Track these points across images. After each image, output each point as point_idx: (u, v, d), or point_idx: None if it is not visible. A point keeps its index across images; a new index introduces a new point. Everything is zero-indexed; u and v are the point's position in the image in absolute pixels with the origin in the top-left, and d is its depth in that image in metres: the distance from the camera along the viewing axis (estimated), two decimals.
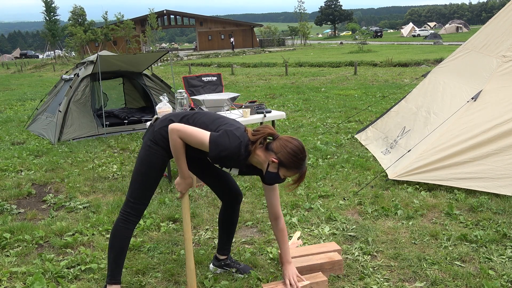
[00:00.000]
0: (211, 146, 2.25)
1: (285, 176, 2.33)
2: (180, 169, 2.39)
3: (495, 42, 4.67)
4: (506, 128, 3.93)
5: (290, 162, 2.27)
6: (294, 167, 2.28)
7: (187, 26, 64.81)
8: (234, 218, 2.81)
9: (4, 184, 4.93)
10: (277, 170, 2.30)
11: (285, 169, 2.29)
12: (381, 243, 3.17)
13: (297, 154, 2.26)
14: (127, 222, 2.47)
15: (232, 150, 2.24)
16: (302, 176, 2.33)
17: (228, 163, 2.33)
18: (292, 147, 2.27)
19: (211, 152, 2.26)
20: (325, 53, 33.20)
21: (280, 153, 2.27)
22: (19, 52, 75.89)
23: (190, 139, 2.29)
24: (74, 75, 7.66)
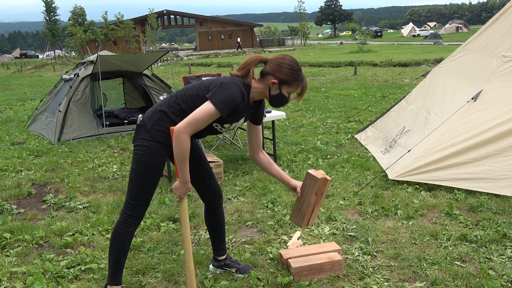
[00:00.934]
0: (219, 107, 2.22)
1: (288, 92, 2.35)
2: (182, 173, 2.32)
3: (495, 42, 4.67)
4: (506, 128, 3.93)
5: (289, 76, 2.30)
6: (294, 80, 2.31)
7: (187, 26, 64.81)
8: (220, 217, 2.78)
9: (4, 184, 4.93)
10: (279, 89, 2.33)
11: (286, 85, 2.32)
12: (381, 243, 3.17)
13: (293, 66, 2.30)
14: (128, 224, 2.44)
15: (235, 94, 2.25)
16: (304, 88, 2.36)
17: (238, 109, 2.32)
18: (287, 61, 2.30)
19: (224, 112, 2.24)
20: (325, 53, 33.20)
21: (276, 72, 2.30)
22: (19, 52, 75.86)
23: (201, 123, 2.23)
24: (74, 75, 7.66)
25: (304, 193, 2.57)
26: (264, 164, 2.61)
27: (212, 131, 2.45)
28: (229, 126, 2.44)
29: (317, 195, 2.55)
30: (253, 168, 5.10)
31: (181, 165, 2.29)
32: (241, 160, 5.48)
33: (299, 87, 2.35)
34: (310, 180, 2.55)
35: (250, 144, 2.61)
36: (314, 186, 2.51)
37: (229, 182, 4.67)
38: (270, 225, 3.56)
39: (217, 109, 2.23)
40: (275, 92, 2.33)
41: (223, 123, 2.38)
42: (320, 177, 2.49)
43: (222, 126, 2.41)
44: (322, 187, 2.55)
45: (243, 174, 4.92)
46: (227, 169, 5.10)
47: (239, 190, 4.40)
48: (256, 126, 2.57)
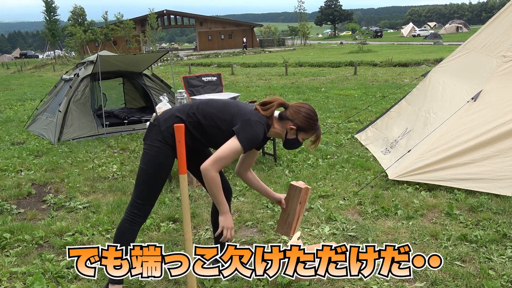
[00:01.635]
0: (244, 146, 2.31)
1: (303, 139, 2.51)
2: (221, 206, 2.41)
3: (495, 42, 4.67)
4: (506, 129, 3.93)
5: (306, 125, 2.44)
6: (310, 128, 2.46)
7: (187, 26, 64.82)
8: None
9: (4, 184, 4.93)
10: (295, 135, 2.47)
11: (303, 132, 2.46)
12: (381, 243, 3.17)
13: (311, 116, 2.44)
14: (134, 223, 2.49)
15: (260, 135, 2.37)
16: (318, 136, 2.51)
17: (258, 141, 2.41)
18: (306, 111, 2.44)
19: (246, 150, 2.36)
20: (325, 53, 33.20)
21: (295, 119, 2.43)
22: (19, 52, 75.85)
23: (227, 160, 2.33)
24: (74, 75, 7.66)
25: (289, 204, 2.76)
26: (252, 181, 2.73)
27: None
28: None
29: (301, 204, 2.74)
30: (253, 168, 5.09)
31: (217, 199, 2.39)
32: None
33: (314, 135, 2.50)
34: (294, 191, 2.73)
35: (242, 162, 2.68)
36: (298, 196, 2.70)
37: (229, 182, 4.66)
38: (270, 225, 3.56)
39: (242, 146, 2.32)
40: (292, 136, 2.48)
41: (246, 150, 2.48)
42: (303, 187, 2.69)
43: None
44: (305, 196, 2.74)
45: None
46: (227, 169, 5.10)
47: (239, 190, 4.40)
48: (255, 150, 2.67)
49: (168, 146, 2.41)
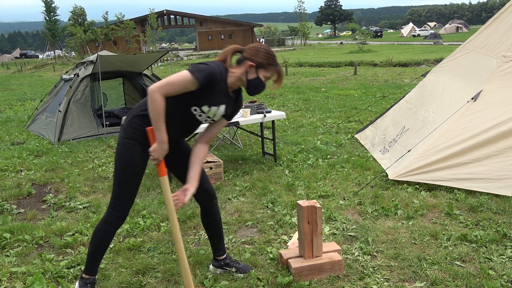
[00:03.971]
0: (196, 75, 2.27)
1: (265, 77, 2.44)
2: (158, 133, 2.30)
3: (495, 43, 4.67)
4: (506, 128, 3.93)
5: (265, 60, 2.41)
6: (270, 64, 2.42)
7: (187, 26, 64.81)
8: (216, 217, 2.79)
9: (4, 184, 4.93)
10: (256, 73, 2.42)
11: (263, 69, 2.42)
12: (381, 243, 3.17)
13: (269, 51, 2.43)
14: (107, 222, 2.48)
15: (214, 68, 2.33)
16: (279, 72, 2.46)
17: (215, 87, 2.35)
18: (262, 47, 2.43)
19: (200, 80, 2.27)
20: (325, 53, 33.20)
21: (253, 56, 2.40)
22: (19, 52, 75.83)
23: (175, 86, 2.27)
24: (74, 75, 7.66)
25: (300, 223, 2.76)
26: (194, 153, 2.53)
27: (191, 119, 2.45)
28: (208, 110, 2.41)
29: (310, 223, 2.72)
30: (253, 168, 5.10)
31: (157, 124, 2.29)
32: (241, 160, 5.48)
33: (275, 72, 2.45)
34: (299, 209, 2.74)
35: (205, 132, 2.58)
36: (302, 215, 2.69)
37: (229, 182, 4.67)
38: (270, 225, 3.56)
39: (194, 76, 2.27)
40: (253, 76, 2.42)
41: (201, 104, 2.38)
42: (305, 205, 2.68)
43: (201, 110, 2.40)
44: (313, 216, 2.71)
45: (243, 174, 4.92)
46: (227, 169, 5.10)
47: (239, 190, 4.40)
48: (223, 120, 2.58)
49: (130, 139, 2.40)
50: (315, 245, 2.76)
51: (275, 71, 2.45)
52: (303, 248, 2.78)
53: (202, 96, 2.37)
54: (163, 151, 2.34)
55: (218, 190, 4.41)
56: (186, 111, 2.41)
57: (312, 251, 2.77)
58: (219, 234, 2.84)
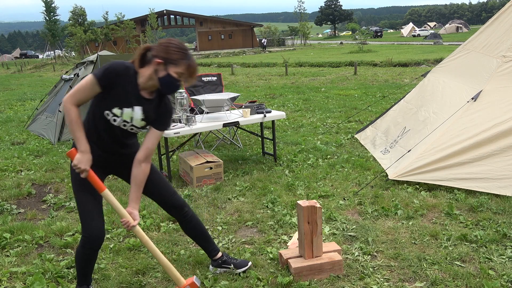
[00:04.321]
0: (96, 74, 2.22)
1: (176, 73, 2.25)
2: (78, 141, 2.27)
3: (495, 43, 4.67)
4: (506, 128, 3.93)
5: (173, 55, 2.23)
6: (179, 58, 2.24)
7: (187, 26, 64.80)
8: (194, 223, 2.74)
9: (4, 184, 4.93)
10: (166, 70, 2.24)
11: (173, 65, 2.24)
12: (381, 243, 3.17)
13: (176, 45, 2.24)
14: (83, 247, 2.39)
15: (116, 64, 2.24)
16: (191, 66, 2.27)
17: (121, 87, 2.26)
18: (171, 41, 2.26)
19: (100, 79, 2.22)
20: (325, 53, 33.20)
21: (160, 52, 2.23)
22: (19, 52, 75.89)
23: (82, 92, 2.24)
24: (74, 75, 7.66)
25: (300, 223, 2.76)
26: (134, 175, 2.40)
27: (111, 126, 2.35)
28: (121, 113, 2.31)
29: (310, 223, 2.72)
30: (253, 168, 5.10)
31: (75, 134, 2.28)
32: (241, 160, 5.48)
33: (186, 65, 2.26)
34: (299, 209, 2.74)
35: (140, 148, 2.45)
36: (302, 215, 2.69)
37: (229, 182, 4.67)
38: (270, 225, 3.56)
39: (95, 76, 2.22)
40: (163, 73, 2.25)
41: (111, 106, 2.29)
42: (305, 205, 2.68)
43: (113, 113, 2.30)
44: (313, 216, 2.71)
45: (243, 174, 4.91)
46: (227, 169, 5.10)
47: (239, 190, 4.40)
48: (155, 130, 2.41)
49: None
50: (315, 245, 2.76)
51: (186, 65, 2.25)
52: (303, 248, 2.77)
53: (109, 97, 2.28)
54: (86, 161, 2.27)
55: (218, 190, 4.41)
56: (102, 118, 2.33)
57: (312, 251, 2.77)
58: (205, 237, 2.82)
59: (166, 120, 2.43)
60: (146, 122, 2.40)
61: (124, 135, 2.42)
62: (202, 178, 4.57)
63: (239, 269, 2.84)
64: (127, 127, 2.38)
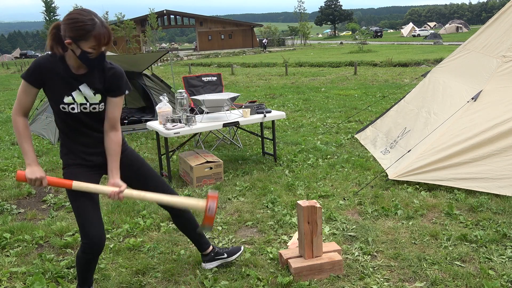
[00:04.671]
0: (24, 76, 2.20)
1: (90, 47, 2.12)
2: (26, 155, 2.25)
3: (495, 43, 4.67)
4: (506, 128, 3.93)
5: (77, 31, 2.09)
6: (85, 32, 2.09)
7: (187, 26, 64.82)
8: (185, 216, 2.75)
9: (4, 184, 4.93)
10: (79, 48, 2.12)
11: (82, 41, 2.10)
12: (381, 243, 3.17)
13: (75, 18, 2.09)
14: (84, 252, 2.37)
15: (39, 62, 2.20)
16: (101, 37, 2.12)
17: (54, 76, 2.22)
18: (68, 17, 2.11)
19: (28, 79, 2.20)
20: (325, 53, 33.20)
21: (66, 31, 2.11)
22: (19, 52, 75.86)
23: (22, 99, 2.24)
24: None
25: (300, 223, 2.76)
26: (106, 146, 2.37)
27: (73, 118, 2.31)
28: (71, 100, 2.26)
29: (310, 223, 2.72)
30: (253, 168, 5.10)
31: (21, 146, 2.27)
32: (241, 160, 5.48)
33: (95, 37, 2.10)
34: (299, 209, 2.74)
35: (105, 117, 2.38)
36: (302, 215, 2.69)
37: (229, 182, 4.67)
38: (270, 225, 3.56)
39: (25, 80, 2.20)
40: (78, 51, 2.14)
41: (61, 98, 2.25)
42: (305, 205, 2.68)
43: (66, 104, 2.26)
44: (313, 215, 2.71)
45: (243, 174, 4.92)
46: (227, 169, 5.10)
47: (239, 190, 4.40)
48: (111, 98, 2.34)
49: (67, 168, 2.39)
50: (315, 245, 2.76)
51: (94, 37, 2.10)
52: (303, 248, 2.77)
53: (52, 91, 2.25)
54: (32, 173, 2.23)
55: (218, 190, 4.41)
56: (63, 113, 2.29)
57: (312, 251, 2.77)
58: (195, 231, 2.82)
59: (117, 83, 2.33)
60: (101, 94, 2.32)
61: (94, 120, 2.35)
62: (202, 178, 4.57)
63: (232, 256, 2.88)
64: (88, 109, 2.31)
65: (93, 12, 2.16)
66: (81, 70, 2.27)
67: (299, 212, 2.75)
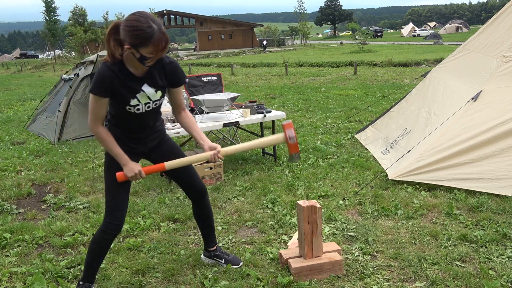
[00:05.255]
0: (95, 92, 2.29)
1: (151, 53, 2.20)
2: (117, 157, 2.41)
3: (495, 43, 4.67)
4: (506, 128, 3.93)
5: (135, 38, 2.15)
6: (144, 39, 2.15)
7: (187, 26, 64.78)
8: (206, 212, 2.86)
9: (4, 184, 4.93)
10: (139, 52, 2.20)
11: (142, 47, 2.18)
12: (381, 243, 3.17)
13: (135, 26, 2.14)
14: (105, 232, 2.50)
15: (99, 71, 2.29)
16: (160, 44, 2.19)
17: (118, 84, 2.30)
18: (127, 23, 2.16)
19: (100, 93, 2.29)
20: (325, 53, 33.20)
21: (124, 37, 2.18)
22: (19, 52, 75.89)
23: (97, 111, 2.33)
24: (74, 75, 7.66)
25: (299, 223, 2.76)
26: (185, 123, 2.61)
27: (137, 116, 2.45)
28: (137, 102, 2.39)
29: (310, 223, 2.72)
30: (253, 168, 5.10)
31: (112, 152, 2.41)
32: (241, 160, 5.48)
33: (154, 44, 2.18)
34: (299, 209, 2.74)
35: (172, 105, 2.63)
36: (302, 214, 2.69)
37: (229, 182, 4.67)
38: (270, 225, 3.56)
39: (95, 94, 2.30)
40: (137, 55, 2.23)
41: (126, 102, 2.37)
42: (305, 206, 2.68)
43: (131, 105, 2.39)
44: (313, 215, 2.71)
45: (243, 174, 4.92)
46: (227, 169, 5.10)
47: (239, 190, 4.40)
48: (174, 89, 2.55)
49: None
50: (315, 245, 2.76)
51: (154, 44, 2.17)
52: (303, 248, 2.77)
53: (118, 97, 2.35)
54: (132, 170, 2.41)
55: (218, 190, 4.41)
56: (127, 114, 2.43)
57: (312, 251, 2.77)
58: (210, 227, 2.93)
59: (177, 76, 2.50)
60: (161, 90, 2.48)
61: (152, 114, 2.51)
62: (202, 178, 4.55)
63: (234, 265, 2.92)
64: (152, 106, 2.47)
65: (150, 16, 2.23)
66: (141, 71, 2.38)
67: (299, 212, 2.75)
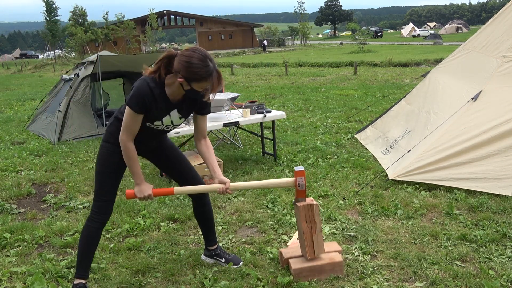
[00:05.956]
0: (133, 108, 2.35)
1: (201, 88, 2.33)
2: (134, 176, 2.50)
3: (495, 43, 4.67)
4: (506, 128, 3.93)
5: (192, 74, 2.26)
6: (200, 77, 2.26)
7: (187, 26, 64.81)
8: (206, 210, 2.90)
9: (4, 184, 4.93)
10: (189, 86, 2.31)
11: (194, 82, 2.29)
12: (381, 243, 3.17)
13: (195, 64, 2.23)
14: (92, 220, 2.59)
15: (140, 88, 2.33)
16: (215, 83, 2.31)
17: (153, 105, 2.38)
18: (187, 59, 2.25)
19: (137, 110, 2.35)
20: (325, 53, 33.20)
21: (180, 70, 2.27)
22: (19, 52, 75.85)
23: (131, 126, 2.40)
24: (74, 75, 7.66)
25: (298, 222, 2.75)
26: (203, 152, 2.67)
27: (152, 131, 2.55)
28: (160, 123, 2.51)
29: (308, 222, 2.70)
30: (253, 168, 5.10)
31: (131, 169, 2.50)
32: (241, 160, 5.48)
33: (209, 83, 2.30)
34: (296, 209, 2.72)
35: (195, 130, 2.70)
36: (299, 213, 2.68)
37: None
38: (270, 225, 3.56)
39: (133, 110, 2.35)
40: (187, 88, 2.34)
41: (152, 120, 2.48)
42: (301, 205, 2.65)
43: (153, 124, 2.50)
44: (310, 214, 2.68)
45: (243, 174, 4.92)
46: (227, 169, 5.10)
47: (239, 190, 4.40)
48: (200, 116, 2.64)
49: (106, 143, 2.56)
50: (315, 243, 2.74)
51: (209, 82, 2.30)
52: (304, 248, 2.77)
53: (148, 115, 2.43)
54: (142, 192, 2.51)
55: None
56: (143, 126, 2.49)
57: (314, 250, 2.75)
58: (210, 225, 2.96)
59: (206, 105, 2.59)
60: (186, 118, 2.60)
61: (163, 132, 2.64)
62: (202, 178, 4.56)
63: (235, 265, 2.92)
64: (170, 129, 2.62)
65: (207, 53, 2.31)
66: (177, 98, 2.46)
67: (296, 211, 2.74)
